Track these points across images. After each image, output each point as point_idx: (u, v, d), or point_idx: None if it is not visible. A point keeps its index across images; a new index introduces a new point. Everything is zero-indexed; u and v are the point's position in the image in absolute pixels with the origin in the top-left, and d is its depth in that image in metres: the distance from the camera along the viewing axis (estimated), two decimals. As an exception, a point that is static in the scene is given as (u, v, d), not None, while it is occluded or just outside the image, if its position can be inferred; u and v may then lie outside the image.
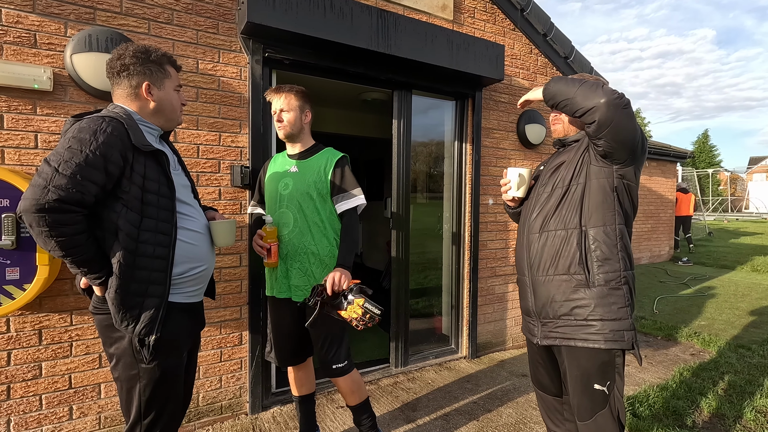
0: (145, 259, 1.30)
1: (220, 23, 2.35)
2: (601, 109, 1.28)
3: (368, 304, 1.65)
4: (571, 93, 1.36)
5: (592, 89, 1.32)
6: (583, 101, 1.33)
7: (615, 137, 1.32)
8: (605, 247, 1.39)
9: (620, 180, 1.40)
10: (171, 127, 1.53)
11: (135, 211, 1.28)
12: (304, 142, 2.01)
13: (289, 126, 1.94)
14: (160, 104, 1.42)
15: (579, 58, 3.80)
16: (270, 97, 1.98)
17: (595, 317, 1.38)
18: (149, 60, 1.39)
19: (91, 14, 2.03)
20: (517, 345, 3.74)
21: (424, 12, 3.06)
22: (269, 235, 1.87)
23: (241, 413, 2.49)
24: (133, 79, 1.38)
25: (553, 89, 1.43)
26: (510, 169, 1.63)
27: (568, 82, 1.40)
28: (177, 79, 1.50)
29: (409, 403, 2.68)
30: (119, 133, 1.26)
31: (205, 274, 1.51)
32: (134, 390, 1.34)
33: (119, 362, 1.34)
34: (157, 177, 1.34)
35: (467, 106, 3.38)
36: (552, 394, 1.67)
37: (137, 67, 1.37)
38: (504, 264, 3.63)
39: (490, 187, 3.50)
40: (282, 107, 1.93)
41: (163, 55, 1.44)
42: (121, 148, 1.25)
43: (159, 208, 1.33)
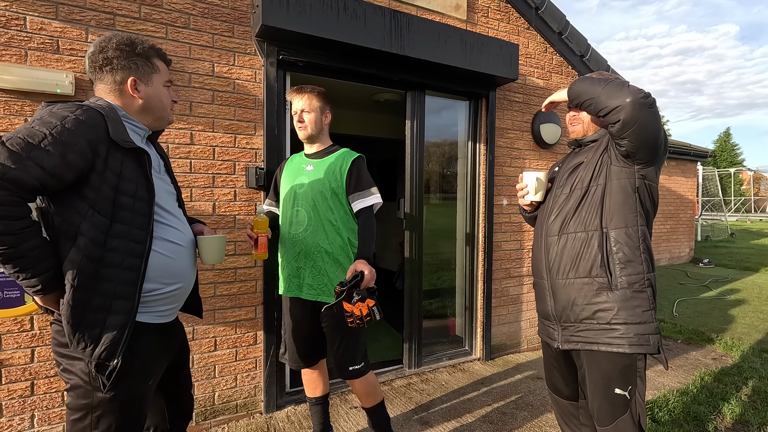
0: (112, 270, 1.12)
1: (236, 26, 2.38)
2: (627, 108, 1.26)
3: (376, 309, 1.64)
4: (595, 92, 1.34)
5: (617, 88, 1.30)
6: (607, 100, 1.30)
7: (639, 137, 1.29)
8: (628, 249, 1.36)
9: (642, 180, 1.38)
10: (160, 127, 1.39)
11: (104, 215, 1.11)
12: (323, 142, 2.03)
13: (309, 127, 1.95)
14: (147, 101, 1.29)
15: (595, 57, 3.74)
16: (291, 97, 1.98)
17: (619, 321, 1.35)
18: (135, 53, 1.25)
19: (110, 20, 2.08)
20: (531, 347, 3.69)
21: (438, 12, 3.06)
22: (258, 226, 1.81)
23: (256, 412, 2.51)
24: (117, 74, 1.23)
25: (577, 89, 1.41)
26: (526, 173, 1.60)
27: (593, 81, 1.37)
28: (167, 74, 1.36)
29: (423, 405, 2.67)
30: (94, 122, 1.11)
31: (180, 293, 1.32)
32: (83, 422, 1.12)
33: (72, 388, 1.13)
34: (135, 178, 1.18)
35: (481, 106, 3.36)
36: (567, 399, 1.64)
37: (121, 60, 1.23)
38: (518, 265, 3.60)
39: (505, 188, 3.47)
40: (303, 108, 1.94)
41: (150, 48, 1.31)
42: (92, 139, 1.09)
43: (134, 212, 1.16)
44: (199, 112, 2.30)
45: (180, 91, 2.24)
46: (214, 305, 2.37)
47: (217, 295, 2.38)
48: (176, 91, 2.23)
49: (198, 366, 2.34)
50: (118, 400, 1.14)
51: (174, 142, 2.24)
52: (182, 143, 2.26)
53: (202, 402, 2.36)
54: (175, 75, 2.22)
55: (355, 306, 1.64)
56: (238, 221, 2.42)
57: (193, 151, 2.29)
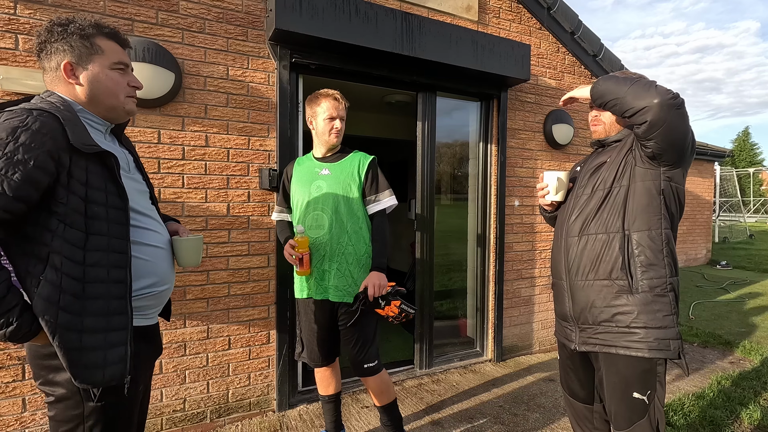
0: (100, 286, 1.04)
1: (249, 30, 2.42)
2: (654, 109, 1.23)
3: (404, 305, 1.76)
4: (621, 92, 1.31)
5: (644, 88, 1.26)
6: (633, 101, 1.27)
7: (666, 138, 1.26)
8: (650, 252, 1.34)
9: (668, 182, 1.35)
10: (117, 119, 1.21)
11: (77, 228, 1.01)
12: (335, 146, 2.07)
13: (341, 134, 2.01)
14: (90, 89, 1.12)
15: (608, 56, 3.70)
16: (326, 100, 1.97)
17: (639, 325, 1.34)
18: (68, 32, 1.09)
19: (129, 26, 2.13)
20: (544, 349, 3.67)
21: (449, 14, 3.06)
22: (301, 245, 1.89)
23: (269, 410, 2.55)
24: (52, 58, 1.09)
25: (601, 88, 1.38)
26: (546, 173, 1.58)
27: (618, 81, 1.34)
28: (118, 55, 1.17)
29: (434, 405, 2.68)
30: (50, 130, 0.98)
31: (165, 293, 1.26)
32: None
33: (58, 400, 1.06)
34: (103, 185, 1.07)
35: (492, 106, 3.35)
36: (582, 401, 1.63)
37: (54, 43, 1.08)
38: (530, 267, 3.58)
39: (516, 189, 3.46)
40: (342, 114, 1.99)
41: (91, 25, 1.12)
42: (51, 149, 0.97)
43: (109, 221, 1.07)
44: (214, 114, 2.34)
45: (195, 94, 2.29)
46: (228, 305, 2.41)
47: (230, 294, 2.42)
48: (192, 94, 2.28)
49: (212, 364, 2.38)
50: (111, 409, 1.08)
51: (190, 144, 2.28)
52: (197, 145, 2.31)
53: (216, 399, 2.40)
54: (190, 79, 2.27)
55: (385, 310, 1.77)
56: (251, 222, 2.46)
57: (208, 153, 2.34)
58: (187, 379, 2.32)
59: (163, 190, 2.23)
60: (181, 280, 2.28)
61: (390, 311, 1.76)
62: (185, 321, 2.30)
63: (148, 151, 2.19)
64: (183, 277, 2.29)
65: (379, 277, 1.84)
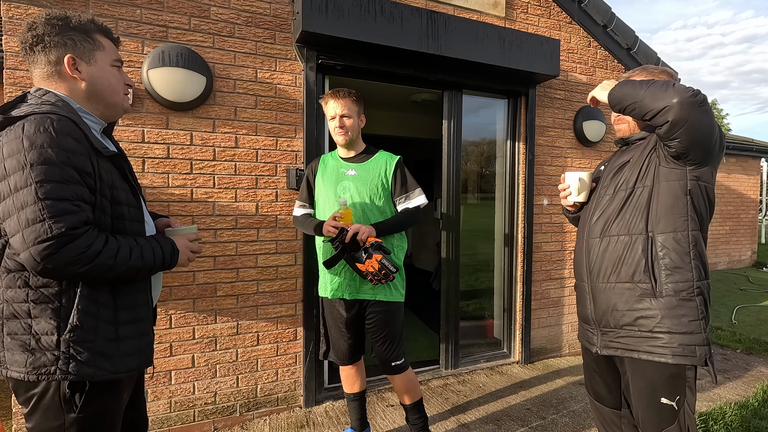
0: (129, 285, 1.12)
1: (277, 33, 2.47)
2: (674, 108, 1.18)
3: (385, 261, 1.72)
4: (638, 96, 1.27)
5: (661, 89, 1.23)
6: (652, 103, 1.23)
7: (690, 137, 1.22)
8: (675, 255, 1.29)
9: (695, 182, 1.29)
10: (114, 117, 1.20)
11: (105, 229, 1.07)
12: (359, 145, 2.05)
13: (350, 131, 1.94)
14: (92, 84, 1.10)
15: (643, 49, 3.56)
16: (328, 100, 1.96)
17: (662, 329, 1.29)
18: (70, 27, 1.07)
19: (164, 32, 2.22)
20: (573, 352, 3.57)
21: (475, 10, 3.02)
22: (346, 217, 1.84)
23: (296, 406, 2.59)
24: (51, 53, 1.05)
25: (618, 94, 1.34)
26: (568, 174, 1.56)
27: (634, 84, 1.31)
28: (115, 52, 1.16)
29: (460, 406, 2.65)
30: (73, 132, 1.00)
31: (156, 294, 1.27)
32: None
33: (36, 412, 1.03)
34: (121, 184, 1.10)
35: (520, 104, 3.29)
36: (609, 406, 1.58)
37: (54, 36, 1.05)
38: (560, 267, 3.49)
39: (545, 187, 3.38)
40: (343, 112, 1.92)
41: (89, 21, 1.11)
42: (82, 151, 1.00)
43: (131, 221, 1.11)
44: (243, 116, 2.41)
45: (225, 96, 2.36)
46: (257, 302, 2.47)
47: (259, 292, 2.48)
48: (222, 97, 2.35)
49: (242, 359, 2.44)
50: (93, 419, 1.07)
51: (220, 145, 2.36)
52: (228, 146, 2.37)
53: (246, 394, 2.46)
54: (220, 82, 2.34)
55: (365, 264, 1.75)
56: (279, 221, 2.51)
57: (238, 154, 2.40)
58: (217, 373, 2.39)
59: (195, 190, 2.31)
60: (213, 277, 2.36)
61: (370, 265, 1.73)
62: (216, 317, 2.38)
63: (181, 153, 2.27)
64: (214, 275, 2.36)
65: (370, 228, 1.80)
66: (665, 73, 1.45)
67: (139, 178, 2.19)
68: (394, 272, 1.73)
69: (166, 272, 2.25)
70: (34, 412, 1.04)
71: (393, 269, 1.73)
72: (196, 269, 2.33)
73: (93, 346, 1.04)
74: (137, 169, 2.19)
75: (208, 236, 2.35)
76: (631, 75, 1.49)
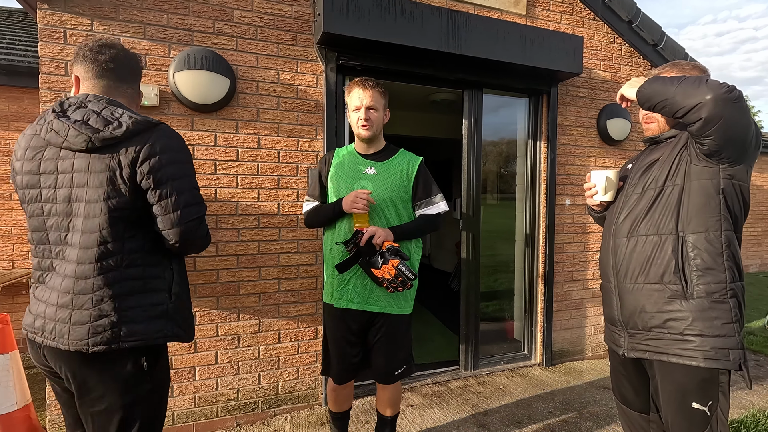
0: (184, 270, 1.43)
1: (298, 35, 2.50)
2: (708, 105, 1.15)
3: (403, 267, 1.61)
4: (669, 93, 1.23)
5: (694, 85, 1.19)
6: (684, 100, 1.19)
7: (724, 135, 1.17)
8: (707, 256, 1.25)
9: (728, 180, 1.25)
10: None
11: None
12: (380, 141, 1.90)
13: (375, 126, 1.80)
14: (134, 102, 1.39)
15: (671, 44, 3.46)
16: (353, 89, 1.80)
17: (693, 332, 1.25)
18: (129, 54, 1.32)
19: (189, 36, 2.28)
20: (597, 355, 3.50)
21: (496, 9, 3.00)
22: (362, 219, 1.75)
23: (316, 404, 2.62)
24: (136, 84, 1.34)
25: (647, 91, 1.30)
26: (594, 172, 1.52)
27: (665, 81, 1.27)
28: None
29: (480, 407, 2.63)
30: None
31: None
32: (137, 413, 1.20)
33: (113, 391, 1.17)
34: None
35: (541, 102, 3.24)
36: (637, 410, 1.54)
37: (138, 75, 1.34)
38: (582, 268, 3.42)
39: (567, 187, 3.32)
40: (369, 104, 1.77)
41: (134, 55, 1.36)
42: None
43: None
44: (266, 117, 2.44)
45: (248, 98, 2.40)
46: (279, 300, 2.51)
47: (281, 290, 2.51)
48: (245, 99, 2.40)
49: (263, 357, 2.48)
50: (158, 388, 1.27)
51: (243, 146, 2.40)
52: (250, 147, 2.42)
53: (267, 391, 2.50)
54: (243, 84, 2.38)
55: (381, 270, 1.64)
56: (300, 221, 2.54)
57: (260, 154, 2.44)
58: (240, 370, 2.44)
59: (219, 190, 2.36)
60: (236, 275, 2.41)
61: (386, 272, 1.61)
62: (239, 315, 2.42)
63: (205, 154, 2.32)
64: (237, 273, 2.41)
65: (387, 231, 1.70)
66: (697, 68, 1.40)
67: (166, 178, 2.25)
68: (412, 279, 1.62)
69: (191, 270, 2.31)
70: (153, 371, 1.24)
71: (411, 276, 1.61)
72: (220, 267, 2.38)
73: (183, 311, 1.30)
74: (164, 169, 2.24)
75: (231, 235, 2.39)
76: (661, 71, 1.45)
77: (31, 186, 1.19)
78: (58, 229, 1.17)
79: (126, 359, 1.18)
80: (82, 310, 1.13)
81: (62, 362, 1.18)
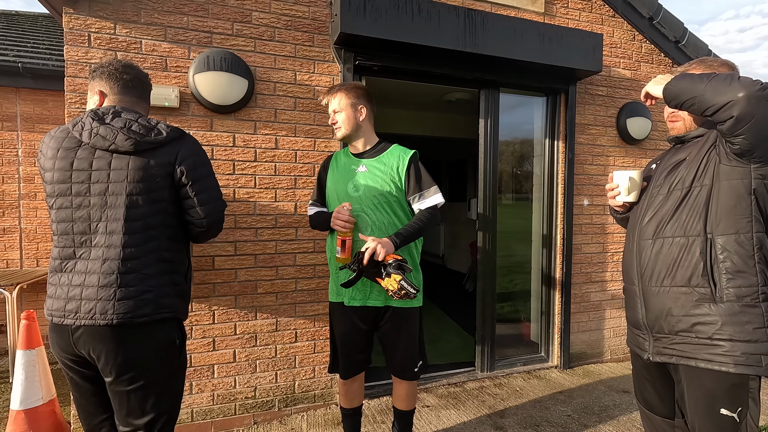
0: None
1: (315, 36, 2.51)
2: (740, 103, 1.11)
3: (404, 282, 1.60)
4: (698, 90, 1.19)
5: (725, 83, 1.15)
6: (714, 97, 1.15)
7: (757, 134, 1.14)
8: (737, 258, 1.22)
9: (760, 181, 1.21)
10: None
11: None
12: (368, 139, 1.88)
13: (343, 126, 1.82)
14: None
15: (693, 41, 3.38)
16: (324, 99, 1.89)
17: (723, 336, 1.22)
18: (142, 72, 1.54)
19: (208, 38, 2.31)
20: (616, 358, 3.44)
21: (513, 7, 2.97)
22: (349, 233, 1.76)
23: (332, 403, 2.63)
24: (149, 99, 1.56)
25: (675, 89, 1.26)
26: (616, 172, 1.48)
27: (693, 78, 1.23)
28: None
29: (497, 410, 2.61)
30: None
31: None
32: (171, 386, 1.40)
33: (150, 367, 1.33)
34: None
35: (559, 101, 3.20)
36: (661, 415, 1.51)
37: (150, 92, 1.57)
38: (601, 270, 3.37)
39: (586, 187, 3.27)
40: (334, 108, 1.83)
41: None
42: None
43: None
44: (283, 118, 2.46)
45: (266, 99, 2.42)
46: (295, 299, 2.52)
47: (297, 290, 2.53)
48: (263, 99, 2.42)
49: (280, 355, 2.50)
50: (184, 363, 1.47)
51: (261, 146, 2.42)
52: (268, 147, 2.44)
53: (284, 389, 2.52)
54: (261, 85, 2.40)
55: (385, 282, 1.64)
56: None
57: (278, 155, 2.46)
58: (257, 368, 2.46)
59: (237, 190, 2.38)
60: (253, 274, 2.43)
61: (390, 284, 1.62)
62: (256, 313, 2.44)
63: (224, 154, 2.35)
64: (255, 272, 2.43)
65: (388, 243, 1.64)
66: (725, 65, 1.36)
67: (186, 178, 2.29)
68: (415, 293, 1.61)
69: (209, 270, 2.34)
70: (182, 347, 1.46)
71: (413, 290, 1.60)
72: (238, 267, 2.40)
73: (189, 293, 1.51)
74: (184, 170, 2.28)
75: (249, 235, 2.42)
76: (688, 68, 1.41)
77: (61, 181, 1.32)
78: (88, 219, 1.31)
79: (163, 333, 1.36)
80: (128, 288, 1.28)
81: (100, 343, 1.28)
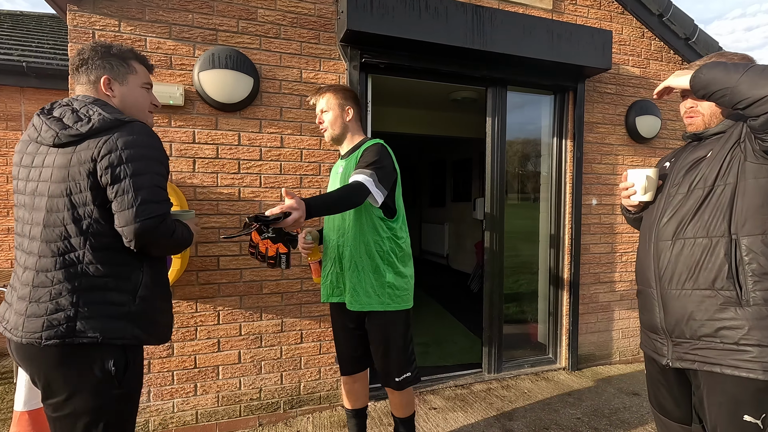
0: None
1: (321, 33, 2.48)
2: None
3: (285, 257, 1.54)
4: (731, 81, 1.13)
5: (763, 75, 1.09)
6: (750, 90, 1.10)
7: None
8: (765, 260, 1.17)
9: None
10: None
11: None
12: (352, 140, 1.84)
13: (330, 127, 1.79)
14: (122, 101, 1.28)
15: (703, 38, 3.33)
16: (312, 99, 1.87)
17: (750, 342, 1.17)
18: (110, 54, 1.26)
19: (213, 36, 2.28)
20: (625, 360, 3.39)
21: (521, 3, 2.93)
22: (312, 253, 1.82)
23: (338, 405, 2.60)
24: (92, 73, 1.24)
25: (706, 77, 1.20)
26: (631, 171, 1.43)
27: (727, 68, 1.17)
28: (146, 77, 1.35)
29: (505, 412, 2.57)
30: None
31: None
32: (108, 418, 1.16)
33: (77, 394, 1.13)
34: None
35: (567, 99, 3.15)
36: (677, 421, 1.46)
37: (96, 60, 1.24)
38: (609, 270, 3.32)
39: (594, 186, 3.23)
40: (322, 107, 1.80)
41: (128, 50, 1.31)
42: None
43: None
44: (288, 117, 2.43)
45: (272, 97, 2.39)
46: (301, 300, 2.49)
47: (303, 290, 2.50)
48: (268, 98, 2.38)
49: (286, 357, 2.47)
50: (128, 395, 1.22)
51: (266, 145, 2.39)
52: (273, 146, 2.41)
53: (289, 391, 2.49)
54: (267, 83, 2.38)
55: (264, 241, 1.51)
56: (322, 221, 2.52)
57: (283, 153, 2.43)
58: (263, 369, 2.43)
59: (242, 189, 2.35)
60: (258, 275, 2.40)
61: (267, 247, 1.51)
62: (261, 314, 2.42)
63: (229, 153, 2.32)
64: (260, 272, 2.40)
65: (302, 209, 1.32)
66: (745, 59, 1.32)
67: (190, 177, 2.26)
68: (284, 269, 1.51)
69: (214, 270, 2.31)
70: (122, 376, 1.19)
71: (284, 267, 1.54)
72: (243, 267, 2.38)
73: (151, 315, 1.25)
74: (188, 168, 2.26)
75: (254, 235, 2.39)
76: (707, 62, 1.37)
77: (16, 177, 1.23)
78: (23, 221, 1.19)
79: (93, 361, 1.14)
80: (39, 303, 1.11)
81: (25, 360, 1.15)
